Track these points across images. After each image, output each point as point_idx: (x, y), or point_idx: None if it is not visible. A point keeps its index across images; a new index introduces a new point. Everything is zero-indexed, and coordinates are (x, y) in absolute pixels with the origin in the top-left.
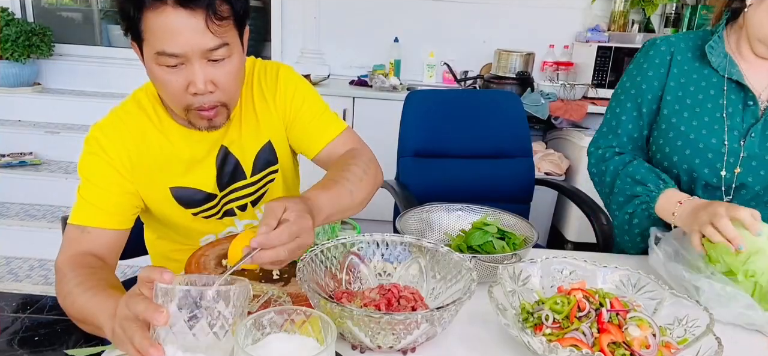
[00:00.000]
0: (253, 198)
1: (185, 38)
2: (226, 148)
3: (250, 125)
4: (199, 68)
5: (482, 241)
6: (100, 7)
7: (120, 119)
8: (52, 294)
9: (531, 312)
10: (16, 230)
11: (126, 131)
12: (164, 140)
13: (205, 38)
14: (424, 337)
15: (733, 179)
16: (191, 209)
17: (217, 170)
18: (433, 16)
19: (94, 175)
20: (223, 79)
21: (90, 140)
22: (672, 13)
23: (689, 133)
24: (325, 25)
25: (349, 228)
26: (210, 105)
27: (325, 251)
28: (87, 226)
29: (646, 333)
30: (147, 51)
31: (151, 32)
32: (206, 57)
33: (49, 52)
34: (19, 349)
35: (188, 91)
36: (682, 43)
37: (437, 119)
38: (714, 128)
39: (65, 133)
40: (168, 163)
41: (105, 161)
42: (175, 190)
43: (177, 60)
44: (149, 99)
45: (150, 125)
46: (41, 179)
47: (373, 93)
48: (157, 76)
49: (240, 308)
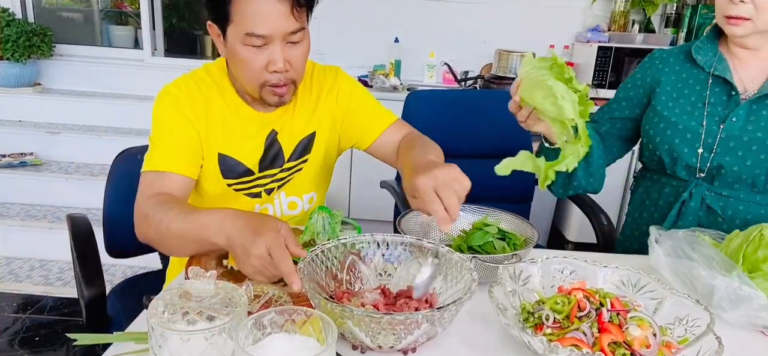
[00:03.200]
0: (281, 183)
1: (273, 22)
2: (276, 132)
3: (303, 115)
4: (279, 49)
5: (483, 241)
6: (101, 7)
7: (192, 81)
8: (52, 295)
9: (531, 312)
10: (16, 230)
11: (197, 91)
12: (226, 109)
13: (289, 22)
14: (424, 337)
15: (709, 159)
16: (228, 179)
17: (264, 150)
18: (434, 17)
19: (170, 124)
20: (297, 60)
21: (165, 94)
22: (672, 13)
23: (671, 117)
24: (326, 25)
25: (349, 228)
26: (284, 81)
27: (325, 252)
28: (164, 171)
29: (647, 333)
30: (234, 32)
31: (242, 15)
32: (287, 39)
33: (49, 52)
34: (20, 349)
35: (267, 69)
36: (678, 50)
37: (437, 119)
38: (694, 114)
39: (66, 133)
40: (225, 130)
41: (179, 111)
42: (222, 157)
43: (263, 40)
44: (220, 72)
45: (216, 93)
46: (42, 179)
47: (373, 93)
48: (241, 55)
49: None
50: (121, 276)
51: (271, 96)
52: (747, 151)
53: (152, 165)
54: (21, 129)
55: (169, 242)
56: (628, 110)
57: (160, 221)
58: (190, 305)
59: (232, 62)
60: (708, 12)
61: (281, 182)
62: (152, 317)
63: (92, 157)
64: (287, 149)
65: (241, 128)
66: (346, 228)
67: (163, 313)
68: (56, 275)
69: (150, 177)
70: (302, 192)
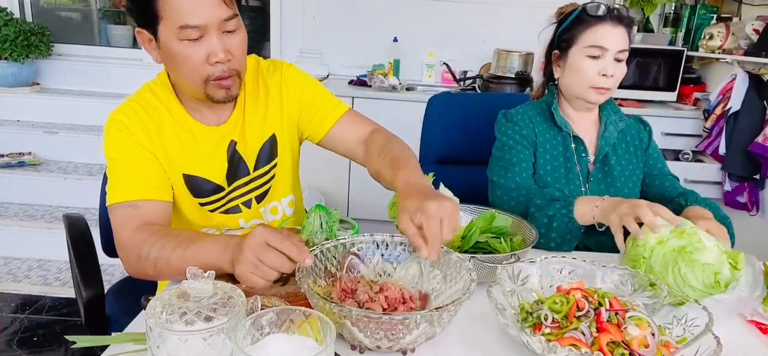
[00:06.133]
0: (257, 194)
1: (205, 11)
2: (235, 143)
3: (256, 120)
4: (217, 39)
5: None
6: (99, 7)
7: (138, 105)
8: (50, 295)
9: (530, 311)
10: (14, 230)
11: (144, 115)
12: (179, 129)
13: (222, 10)
14: (423, 337)
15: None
16: (200, 198)
17: (228, 163)
18: (433, 16)
19: (125, 153)
20: (236, 48)
21: (113, 123)
22: (671, 13)
23: (556, 184)
24: (324, 25)
25: (347, 228)
26: (228, 73)
27: (324, 252)
28: (135, 201)
29: (645, 333)
30: (166, 29)
31: (173, 8)
32: (222, 28)
33: (47, 52)
34: (18, 350)
35: (208, 61)
36: (532, 111)
37: (456, 123)
38: (569, 177)
39: (64, 133)
40: (183, 150)
41: (132, 138)
42: (188, 177)
43: (198, 32)
44: (163, 90)
45: (166, 113)
46: (40, 179)
47: (372, 93)
48: (178, 52)
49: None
50: (120, 276)
51: (217, 91)
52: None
53: (120, 197)
54: (19, 129)
55: (170, 275)
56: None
57: (157, 257)
58: (188, 305)
59: (170, 65)
60: (706, 12)
61: (256, 193)
62: (150, 317)
63: (90, 157)
64: (249, 157)
65: (198, 146)
66: (343, 227)
67: (162, 313)
68: (54, 275)
69: (123, 211)
70: (281, 196)
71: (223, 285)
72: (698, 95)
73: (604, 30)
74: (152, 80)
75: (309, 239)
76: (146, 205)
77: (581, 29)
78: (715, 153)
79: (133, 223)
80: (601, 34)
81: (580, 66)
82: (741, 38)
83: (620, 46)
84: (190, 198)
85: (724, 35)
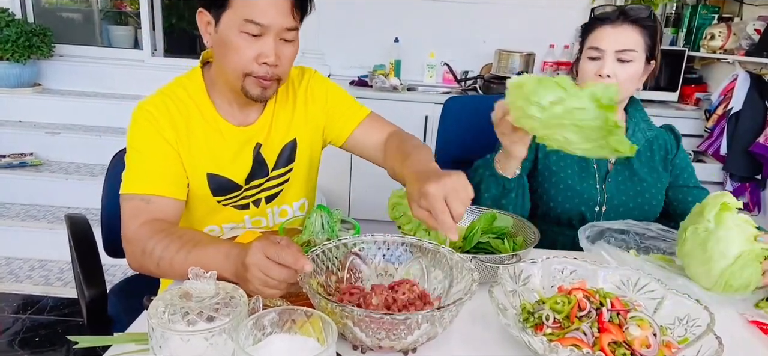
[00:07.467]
0: (268, 195)
1: (273, 14)
2: (260, 145)
3: (283, 124)
4: (273, 42)
5: (483, 242)
6: (101, 7)
7: (168, 99)
8: (52, 295)
9: (532, 311)
10: (16, 230)
11: (174, 110)
12: (207, 128)
13: (288, 19)
14: (425, 337)
15: (600, 214)
16: (218, 196)
17: (252, 164)
18: (434, 17)
19: (150, 145)
20: (287, 57)
21: (141, 112)
22: (672, 13)
23: (568, 180)
24: (325, 25)
25: (348, 228)
26: (270, 75)
27: (326, 252)
28: (149, 195)
29: (647, 333)
30: (230, 18)
31: (244, 1)
32: (281, 35)
33: (49, 52)
34: (20, 350)
35: (257, 60)
36: None
37: (472, 125)
38: (582, 175)
39: (65, 133)
40: (209, 149)
41: (159, 133)
42: (212, 176)
43: (260, 30)
44: (194, 85)
45: (195, 111)
46: (42, 179)
47: (373, 93)
48: (233, 42)
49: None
50: (121, 276)
51: (255, 87)
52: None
53: (135, 188)
54: (21, 129)
55: (172, 275)
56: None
57: (161, 256)
58: (191, 305)
59: (219, 52)
60: (707, 12)
61: (269, 193)
62: (153, 317)
63: (92, 157)
64: (270, 158)
65: (226, 146)
66: (345, 227)
67: (164, 314)
68: (56, 275)
69: (135, 203)
70: (292, 200)
71: (225, 285)
72: (699, 95)
73: (602, 32)
74: (185, 74)
75: (310, 239)
76: (159, 201)
77: (586, 34)
78: (717, 153)
79: (143, 217)
80: (599, 36)
81: (583, 69)
82: (742, 38)
83: (620, 46)
84: (208, 196)
85: (726, 35)
